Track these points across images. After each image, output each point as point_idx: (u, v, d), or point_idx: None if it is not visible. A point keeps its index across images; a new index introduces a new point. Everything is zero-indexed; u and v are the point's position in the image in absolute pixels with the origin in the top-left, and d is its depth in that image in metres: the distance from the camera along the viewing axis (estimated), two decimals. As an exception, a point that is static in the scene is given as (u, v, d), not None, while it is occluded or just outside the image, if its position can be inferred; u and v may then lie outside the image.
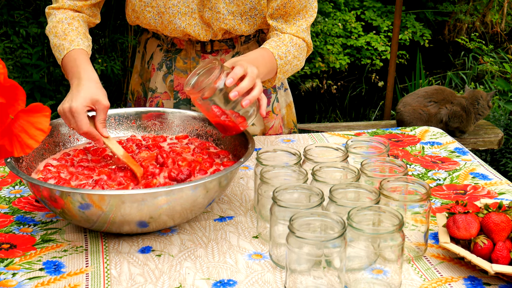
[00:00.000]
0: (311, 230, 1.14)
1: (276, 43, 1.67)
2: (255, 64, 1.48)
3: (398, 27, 3.91)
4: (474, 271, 1.22)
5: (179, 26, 1.71)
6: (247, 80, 1.40)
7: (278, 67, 1.65)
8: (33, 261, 1.25)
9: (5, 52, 4.01)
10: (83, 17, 1.71)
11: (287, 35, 1.70)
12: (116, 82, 4.64)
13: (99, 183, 1.36)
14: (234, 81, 1.38)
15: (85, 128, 1.43)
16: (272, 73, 1.65)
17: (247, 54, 1.58)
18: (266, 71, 1.60)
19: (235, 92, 1.37)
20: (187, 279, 1.20)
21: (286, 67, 1.68)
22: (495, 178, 1.62)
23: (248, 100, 1.39)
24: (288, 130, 1.99)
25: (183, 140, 1.60)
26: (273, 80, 1.69)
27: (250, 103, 1.40)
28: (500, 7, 5.86)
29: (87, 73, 1.51)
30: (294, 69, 1.72)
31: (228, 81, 1.38)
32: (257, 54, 1.60)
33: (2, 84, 0.91)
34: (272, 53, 1.63)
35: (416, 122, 3.41)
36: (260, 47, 1.66)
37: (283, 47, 1.66)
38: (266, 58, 1.61)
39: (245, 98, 1.39)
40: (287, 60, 1.67)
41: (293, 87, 5.20)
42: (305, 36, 1.73)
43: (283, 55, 1.66)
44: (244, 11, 1.69)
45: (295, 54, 1.69)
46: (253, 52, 1.61)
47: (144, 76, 1.92)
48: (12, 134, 0.92)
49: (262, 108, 1.45)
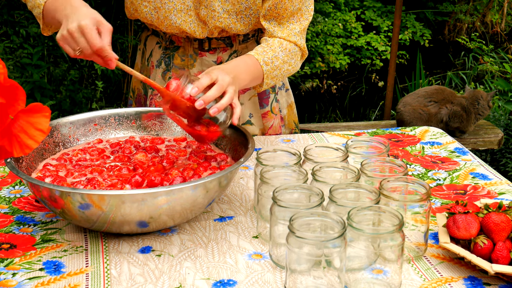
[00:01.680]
0: (311, 230, 1.14)
1: (264, 48, 1.67)
2: (234, 71, 1.49)
3: (398, 27, 3.91)
4: (474, 271, 1.22)
5: (175, 22, 1.71)
6: (214, 89, 1.39)
7: (265, 72, 1.65)
8: (33, 261, 1.25)
9: (5, 52, 4.02)
10: None
11: (276, 40, 1.70)
12: (116, 82, 4.64)
13: (91, 182, 1.36)
14: (199, 90, 1.38)
15: (100, 43, 1.37)
16: (258, 80, 1.65)
17: (229, 62, 1.59)
18: (249, 78, 1.60)
19: (200, 101, 1.37)
20: (187, 279, 1.20)
21: (274, 72, 1.68)
22: (495, 178, 1.62)
23: (216, 109, 1.38)
24: (289, 131, 1.99)
25: (181, 142, 1.60)
26: (261, 85, 1.69)
27: (218, 112, 1.39)
28: (500, 7, 5.86)
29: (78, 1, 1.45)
30: (285, 74, 1.72)
31: (193, 91, 1.37)
32: (239, 61, 1.60)
33: (2, 84, 0.91)
34: (256, 59, 1.63)
35: (416, 122, 3.41)
36: (245, 54, 1.66)
37: (270, 52, 1.66)
38: (249, 65, 1.61)
39: (213, 107, 1.38)
40: (274, 66, 1.67)
41: (293, 87, 5.20)
42: (297, 40, 1.72)
43: (269, 61, 1.65)
44: (239, 10, 1.69)
45: (284, 59, 1.69)
46: (237, 59, 1.61)
47: (144, 74, 1.92)
48: (11, 135, 0.92)
49: (235, 117, 1.44)
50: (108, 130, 1.63)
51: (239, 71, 1.54)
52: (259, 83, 1.68)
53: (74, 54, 1.40)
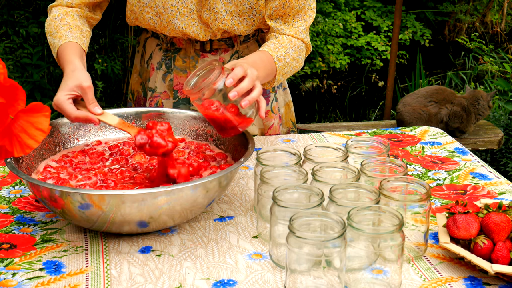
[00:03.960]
0: (311, 230, 1.14)
1: (275, 45, 1.67)
2: (254, 67, 1.49)
3: (398, 27, 3.91)
4: (474, 271, 1.22)
5: (178, 27, 1.71)
6: (247, 81, 1.40)
7: (277, 69, 1.66)
8: (33, 261, 1.25)
9: (5, 52, 4.01)
10: (77, 11, 1.70)
11: (285, 37, 1.70)
12: (116, 82, 4.64)
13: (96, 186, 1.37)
14: (234, 81, 1.38)
15: (73, 116, 1.45)
16: (271, 76, 1.66)
17: (247, 57, 1.59)
18: (265, 74, 1.61)
19: (234, 92, 1.37)
20: (187, 279, 1.20)
21: (285, 69, 1.69)
22: (495, 178, 1.62)
23: (247, 101, 1.39)
24: (286, 130, 1.99)
25: (179, 143, 1.60)
26: (273, 82, 1.70)
27: (249, 104, 1.40)
28: (500, 7, 5.86)
29: (69, 64, 1.52)
30: (293, 70, 1.73)
31: (228, 81, 1.38)
32: (256, 57, 1.61)
33: (2, 84, 0.91)
34: (271, 55, 1.64)
35: (416, 122, 3.41)
36: (259, 50, 1.66)
37: (282, 49, 1.67)
38: (265, 61, 1.62)
39: (244, 99, 1.39)
40: (286, 62, 1.67)
41: (293, 87, 5.20)
42: (304, 37, 1.73)
43: (282, 58, 1.66)
44: (242, 12, 1.70)
45: (293, 55, 1.70)
46: (253, 55, 1.61)
47: (143, 76, 1.92)
48: (12, 134, 0.92)
49: (261, 111, 1.45)
50: (108, 130, 1.63)
51: (258, 67, 1.54)
52: (270, 80, 1.68)
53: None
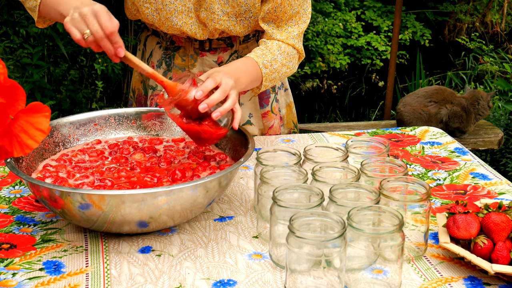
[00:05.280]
0: (311, 230, 1.14)
1: (262, 51, 1.67)
2: (235, 75, 1.49)
3: (398, 27, 3.91)
4: (474, 271, 1.22)
5: (176, 24, 1.72)
6: (218, 92, 1.40)
7: (263, 75, 1.66)
8: (33, 261, 1.25)
9: (5, 52, 4.01)
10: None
11: (275, 42, 1.70)
12: (116, 82, 4.64)
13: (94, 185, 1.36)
14: (204, 93, 1.38)
15: (113, 27, 1.34)
16: (257, 82, 1.66)
17: (231, 64, 1.59)
18: (249, 80, 1.61)
19: (204, 105, 1.37)
20: (187, 279, 1.20)
21: (273, 75, 1.69)
22: (495, 178, 1.62)
23: (218, 113, 1.39)
24: (287, 130, 1.99)
25: (179, 143, 1.60)
26: (259, 88, 1.70)
27: (221, 116, 1.40)
28: (500, 7, 5.86)
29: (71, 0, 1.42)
30: (283, 76, 1.73)
31: (198, 94, 1.38)
32: (239, 63, 1.61)
33: (2, 84, 0.91)
34: (256, 62, 1.64)
35: (416, 122, 3.41)
36: (244, 56, 1.67)
37: (269, 55, 1.67)
38: (249, 67, 1.62)
39: (215, 111, 1.39)
40: (273, 69, 1.67)
41: (293, 87, 5.20)
42: (295, 43, 1.73)
43: (268, 64, 1.66)
44: (239, 13, 1.70)
45: (282, 62, 1.70)
46: (236, 62, 1.62)
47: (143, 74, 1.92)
48: (12, 134, 0.92)
49: (235, 122, 1.44)
50: (108, 130, 1.63)
51: (240, 74, 1.55)
52: (257, 86, 1.68)
53: (80, 38, 1.36)
